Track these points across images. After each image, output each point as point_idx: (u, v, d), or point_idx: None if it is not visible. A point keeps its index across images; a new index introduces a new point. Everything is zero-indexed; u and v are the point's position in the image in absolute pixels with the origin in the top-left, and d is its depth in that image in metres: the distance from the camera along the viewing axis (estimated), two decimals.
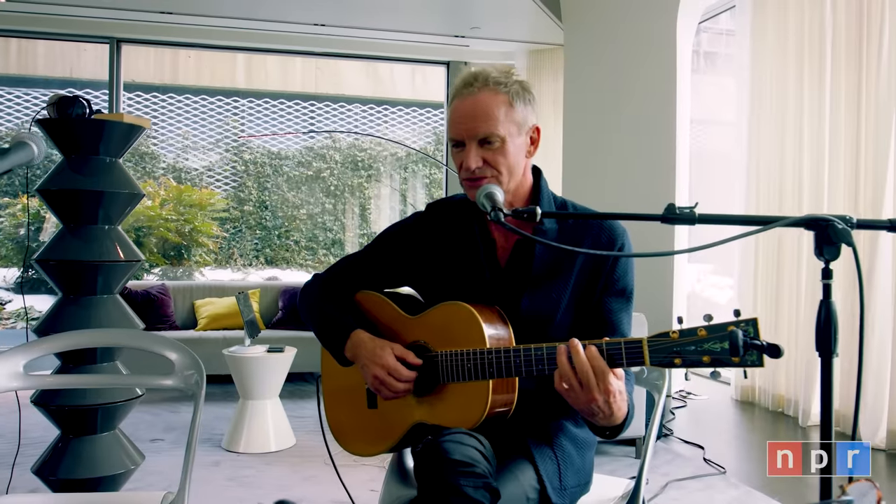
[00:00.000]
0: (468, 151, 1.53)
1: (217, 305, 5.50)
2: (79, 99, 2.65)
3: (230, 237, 9.19)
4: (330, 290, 1.77)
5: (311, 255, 9.52)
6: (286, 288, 5.82)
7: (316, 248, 9.51)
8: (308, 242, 9.51)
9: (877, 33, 4.04)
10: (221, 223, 9.08)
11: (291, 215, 9.45)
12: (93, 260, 2.62)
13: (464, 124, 1.53)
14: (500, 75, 1.55)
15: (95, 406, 2.63)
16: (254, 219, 9.35)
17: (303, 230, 9.51)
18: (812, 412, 4.44)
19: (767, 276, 4.91)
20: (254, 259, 9.31)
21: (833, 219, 1.37)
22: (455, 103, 1.57)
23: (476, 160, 1.52)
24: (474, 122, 1.52)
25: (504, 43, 6.59)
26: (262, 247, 9.37)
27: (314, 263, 9.51)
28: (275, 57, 9.30)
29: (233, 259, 9.17)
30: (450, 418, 1.55)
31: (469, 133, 1.53)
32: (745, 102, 5.08)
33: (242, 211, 9.30)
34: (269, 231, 9.39)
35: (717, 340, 1.25)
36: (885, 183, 3.96)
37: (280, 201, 9.44)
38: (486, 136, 1.51)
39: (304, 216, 9.49)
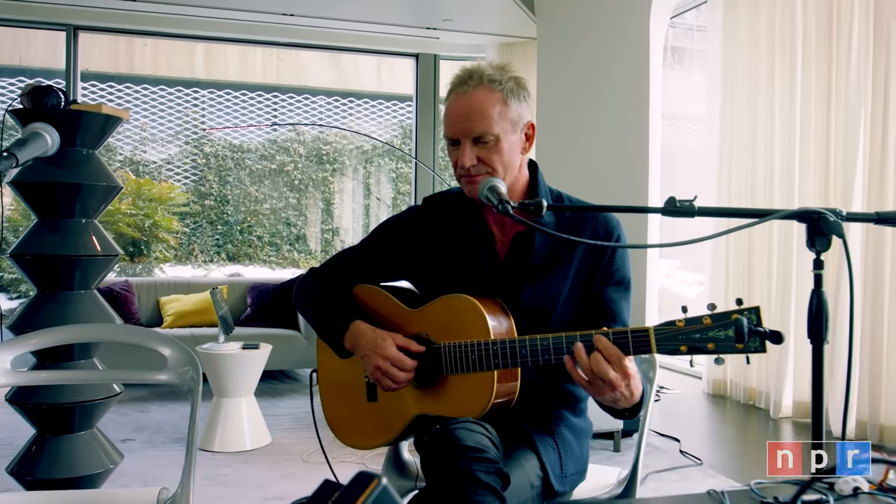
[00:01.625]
0: (463, 150, 1.59)
1: (183, 302, 5.47)
2: (54, 89, 2.64)
3: (190, 232, 9.10)
4: (327, 284, 1.81)
5: (275, 250, 9.47)
6: (254, 284, 5.81)
7: (280, 243, 9.47)
8: (271, 238, 9.46)
9: (846, 30, 4.21)
10: (181, 218, 8.99)
11: (254, 210, 9.39)
12: (70, 254, 2.62)
13: (458, 123, 1.58)
14: (494, 72, 1.60)
15: (73, 404, 2.62)
16: (215, 214, 9.26)
17: (266, 225, 9.46)
18: (783, 404, 4.60)
19: (738, 271, 5.07)
20: (215, 255, 9.23)
21: (825, 212, 1.46)
22: (450, 101, 1.62)
23: (471, 158, 1.58)
24: (469, 120, 1.57)
25: (475, 36, 6.65)
26: (223, 242, 9.29)
27: (278, 259, 9.46)
28: (235, 47, 9.22)
29: (193, 255, 9.08)
30: (454, 409, 1.60)
31: (464, 132, 1.58)
32: (717, 97, 5.24)
33: (203, 205, 9.21)
34: (231, 226, 9.32)
35: (721, 328, 1.33)
36: (854, 177, 4.13)
37: (242, 196, 9.37)
38: (480, 135, 1.57)
39: (267, 211, 9.44)
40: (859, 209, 4.03)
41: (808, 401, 4.53)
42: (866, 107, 4.08)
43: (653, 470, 3.53)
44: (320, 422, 1.88)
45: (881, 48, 4.00)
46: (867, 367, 4.06)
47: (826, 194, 4.37)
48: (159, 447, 3.80)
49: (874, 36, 4.05)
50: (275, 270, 9.31)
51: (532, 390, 1.65)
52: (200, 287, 5.81)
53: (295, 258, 9.51)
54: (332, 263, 1.86)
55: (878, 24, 4.02)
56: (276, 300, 5.59)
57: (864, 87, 4.08)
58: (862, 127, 4.09)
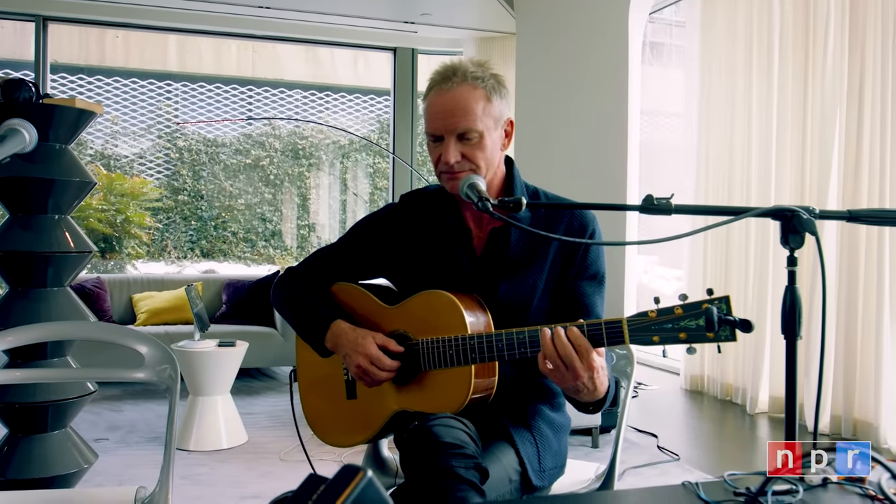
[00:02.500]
0: (447, 146, 1.61)
1: (157, 300, 5.44)
2: (25, 82, 2.62)
3: (163, 228, 9.04)
4: (306, 283, 1.83)
5: (250, 247, 9.43)
6: (229, 281, 5.80)
7: (255, 239, 9.43)
8: (246, 234, 9.42)
9: (822, 29, 4.29)
10: (154, 214, 8.93)
11: (228, 206, 9.34)
12: (43, 251, 2.61)
13: (443, 119, 1.61)
14: (476, 69, 1.63)
15: (46, 403, 2.62)
16: (188, 209, 9.20)
17: (241, 221, 9.41)
18: (759, 400, 4.69)
19: (716, 268, 5.15)
20: (188, 251, 9.18)
21: (798, 209, 1.50)
22: (432, 97, 1.64)
23: (455, 155, 1.61)
24: (453, 117, 1.60)
25: (453, 30, 6.67)
26: (197, 238, 9.24)
27: (253, 256, 9.43)
28: (208, 39, 9.15)
29: (166, 251, 9.02)
30: (432, 405, 1.63)
31: (448, 128, 1.60)
32: (695, 93, 5.31)
33: (176, 201, 9.15)
34: (205, 222, 9.26)
35: (692, 318, 1.37)
36: (830, 174, 4.22)
37: (216, 191, 9.32)
38: (465, 132, 1.59)
39: (241, 206, 9.40)
40: (835, 207, 4.12)
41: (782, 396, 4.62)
42: (841, 105, 4.16)
43: (630, 465, 3.59)
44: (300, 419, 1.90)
45: (856, 47, 4.09)
46: (842, 362, 4.14)
47: (802, 192, 4.46)
48: (134, 446, 3.79)
49: (850, 35, 4.13)
50: (250, 267, 9.27)
51: (510, 385, 1.68)
52: (174, 284, 5.78)
53: (270, 255, 9.48)
54: (309, 262, 1.88)
55: (854, 24, 4.10)
56: (251, 297, 5.58)
57: (840, 85, 4.17)
58: (837, 125, 4.17)
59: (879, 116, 3.95)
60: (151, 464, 3.53)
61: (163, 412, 4.47)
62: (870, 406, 4.01)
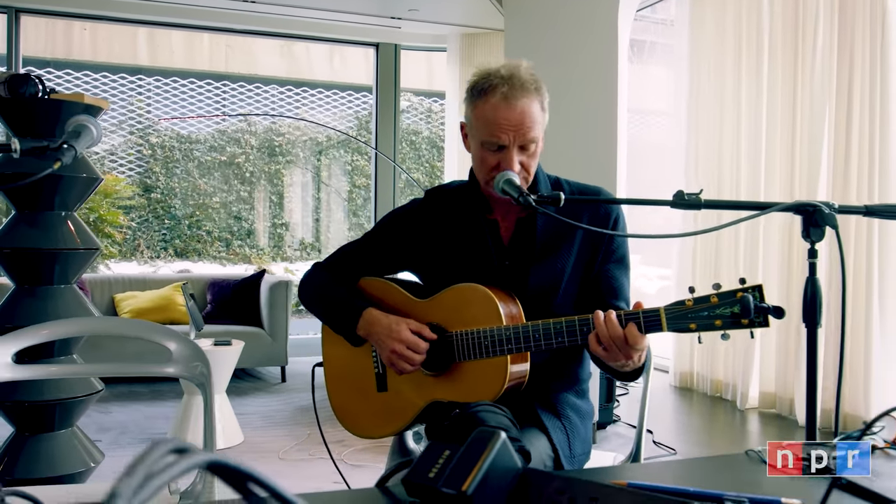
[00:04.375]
0: (510, 156, 1.67)
1: (140, 299, 5.46)
2: (31, 77, 2.66)
3: (136, 227, 9.00)
4: (334, 276, 1.92)
5: (225, 246, 9.42)
6: (214, 280, 5.83)
7: (230, 238, 9.43)
8: (221, 233, 9.41)
9: (812, 28, 4.46)
10: (126, 212, 8.88)
11: (203, 204, 9.32)
12: (50, 248, 2.65)
13: (513, 130, 1.66)
14: (531, 79, 1.68)
15: (54, 402, 2.66)
16: (162, 207, 9.17)
17: (215, 220, 9.40)
18: (750, 395, 4.85)
19: (706, 266, 5.31)
20: (161, 251, 9.15)
21: (820, 204, 1.63)
22: (497, 106, 1.66)
23: (518, 164, 1.68)
24: (522, 127, 1.66)
25: (437, 26, 6.76)
26: (170, 238, 9.21)
27: (228, 255, 9.42)
28: (180, 32, 9.13)
29: (139, 251, 8.98)
30: (468, 394, 1.73)
31: (516, 139, 1.66)
32: (684, 91, 5.46)
33: (149, 199, 9.11)
34: (179, 221, 9.23)
35: (727, 306, 1.49)
36: (819, 171, 4.39)
37: (190, 188, 9.30)
38: (530, 141, 1.67)
39: (216, 205, 9.39)
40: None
41: (773, 391, 4.81)
42: (831, 102, 4.33)
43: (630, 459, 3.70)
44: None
45: (845, 45, 4.26)
46: (832, 355, 4.31)
47: (791, 189, 4.62)
48: (128, 447, 3.83)
49: (839, 33, 4.30)
50: (225, 267, 9.27)
51: (537, 373, 1.77)
52: (156, 284, 5.80)
53: (246, 254, 9.48)
54: (335, 257, 1.97)
55: (843, 22, 4.27)
56: (237, 297, 5.62)
57: (829, 83, 4.34)
58: (826, 122, 4.34)
59: (868, 114, 4.12)
60: None
61: (151, 413, 4.51)
62: (859, 400, 4.19)
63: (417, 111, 10.21)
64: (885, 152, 4.03)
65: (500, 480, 0.73)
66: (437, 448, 0.81)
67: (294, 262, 9.68)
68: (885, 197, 4.03)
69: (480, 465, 0.71)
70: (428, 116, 10.26)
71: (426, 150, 10.23)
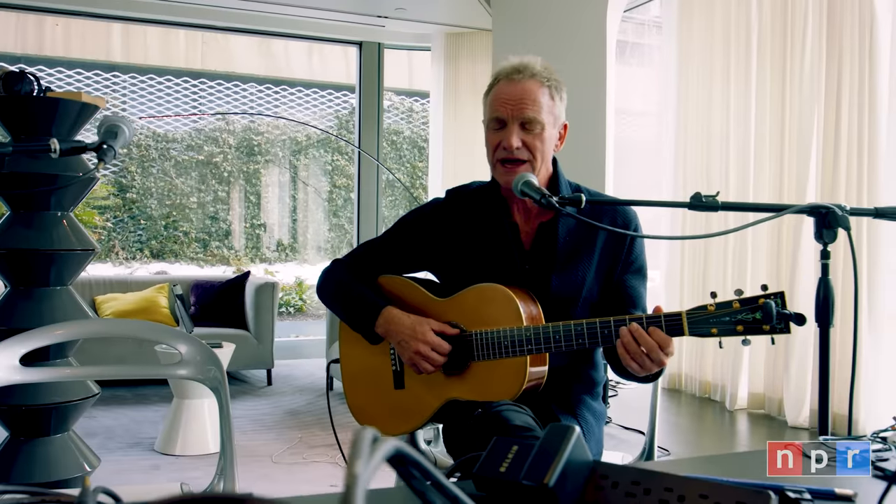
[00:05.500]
0: (510, 131, 1.75)
1: (122, 301, 5.42)
2: (27, 75, 2.66)
3: (111, 228, 8.92)
4: (354, 273, 1.95)
5: (202, 247, 9.37)
6: (198, 282, 5.81)
7: (208, 239, 9.38)
8: (198, 234, 9.36)
9: (800, 28, 4.56)
10: (100, 212, 8.81)
11: (180, 204, 9.27)
12: (46, 249, 2.64)
13: (511, 105, 1.75)
14: (542, 69, 1.79)
15: (50, 406, 2.65)
16: (137, 208, 9.11)
17: (193, 220, 9.35)
18: (739, 396, 4.94)
19: (694, 270, 5.40)
20: (137, 252, 9.08)
21: (833, 207, 1.70)
22: (501, 86, 1.79)
23: (517, 140, 1.75)
24: (522, 104, 1.74)
25: (422, 25, 6.79)
26: (146, 238, 9.15)
27: (206, 257, 9.37)
28: (155, 29, 9.06)
29: (114, 252, 8.90)
30: (486, 393, 1.76)
31: (515, 113, 1.75)
32: (672, 92, 5.55)
33: (124, 199, 9.05)
34: (155, 221, 9.18)
35: (749, 311, 1.54)
36: (808, 173, 4.48)
37: (167, 188, 9.24)
38: (529, 120, 1.74)
39: (194, 205, 9.34)
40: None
41: (762, 392, 4.90)
42: (819, 104, 4.42)
43: (627, 462, 3.77)
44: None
45: (834, 47, 4.35)
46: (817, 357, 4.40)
47: (780, 191, 4.72)
48: (117, 452, 3.81)
49: (827, 35, 4.40)
50: (203, 268, 9.22)
51: (555, 374, 1.82)
52: (138, 285, 5.77)
53: (224, 255, 9.44)
54: (356, 254, 2.00)
55: (831, 24, 4.37)
56: (222, 299, 5.60)
57: (818, 84, 4.43)
58: (815, 124, 4.44)
59: (857, 115, 4.22)
60: (140, 469, 3.57)
61: (137, 417, 4.49)
62: (846, 400, 4.28)
63: (399, 110, 10.24)
64: (874, 153, 4.13)
65: (577, 474, 0.77)
66: (503, 444, 0.84)
67: (273, 264, 9.66)
68: (874, 198, 4.13)
69: (560, 459, 0.74)
70: (409, 116, 10.29)
71: (407, 150, 10.26)
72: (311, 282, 9.86)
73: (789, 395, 4.56)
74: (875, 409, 4.15)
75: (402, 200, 10.01)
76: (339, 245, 9.84)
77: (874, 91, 4.13)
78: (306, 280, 9.74)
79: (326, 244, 9.87)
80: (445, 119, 7.15)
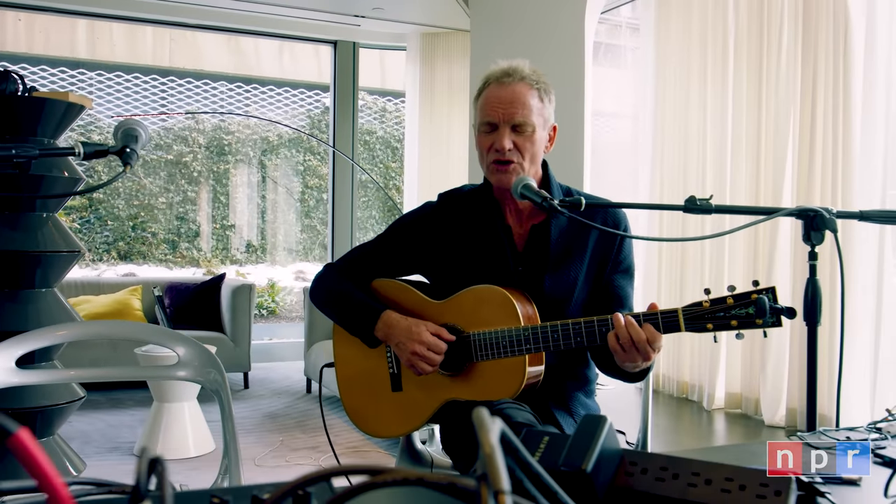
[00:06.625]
0: (501, 133, 1.82)
1: (95, 304, 5.40)
2: (11, 74, 2.67)
3: (77, 229, 8.83)
4: (349, 277, 2.00)
5: (171, 248, 9.31)
6: (172, 284, 5.79)
7: (177, 240, 9.33)
8: (167, 235, 9.30)
9: (776, 32, 4.69)
10: (66, 213, 8.72)
11: (148, 204, 9.20)
12: (31, 250, 2.65)
13: (502, 108, 1.82)
14: (531, 73, 1.87)
15: (36, 409, 2.66)
16: (104, 208, 9.02)
17: (161, 221, 9.29)
18: (716, 396, 5.07)
19: (671, 270, 5.52)
20: (104, 253, 9.00)
21: (820, 210, 1.79)
22: (491, 90, 1.86)
23: (508, 142, 1.82)
24: (512, 107, 1.82)
25: (397, 25, 6.84)
26: (113, 239, 9.07)
27: (175, 258, 9.32)
28: (120, 25, 9.00)
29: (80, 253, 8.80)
30: (485, 393, 1.83)
31: (505, 117, 1.82)
32: (650, 94, 5.67)
33: (91, 199, 8.95)
34: (123, 222, 9.10)
35: (742, 307, 1.62)
36: (784, 175, 4.62)
37: (134, 188, 9.17)
38: (520, 123, 1.81)
39: (162, 205, 9.28)
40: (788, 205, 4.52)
41: (739, 392, 5.03)
42: (795, 107, 4.56)
43: None
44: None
45: (809, 51, 4.49)
46: (797, 356, 4.54)
47: (757, 193, 4.85)
48: (94, 457, 3.80)
49: (803, 38, 4.53)
50: (172, 270, 9.17)
51: (551, 373, 1.89)
52: (110, 287, 5.75)
53: (194, 257, 9.39)
54: (348, 258, 2.06)
55: (807, 27, 4.51)
56: (197, 301, 5.60)
57: (793, 88, 4.57)
58: (791, 126, 4.57)
59: (832, 118, 4.36)
60: (122, 474, 3.56)
61: (113, 422, 4.48)
62: (825, 398, 4.42)
63: (371, 110, 10.26)
64: (848, 155, 4.27)
65: (609, 461, 0.83)
66: (534, 434, 0.90)
67: (244, 266, 9.63)
68: (848, 199, 4.27)
69: (595, 446, 0.81)
70: (382, 116, 10.32)
71: (380, 151, 10.29)
72: (283, 284, 9.84)
73: (766, 394, 4.69)
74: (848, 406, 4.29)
75: (375, 201, 10.05)
76: (311, 247, 9.83)
77: (848, 93, 4.27)
78: (279, 282, 9.72)
79: (298, 245, 9.86)
80: (421, 120, 7.21)
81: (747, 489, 0.78)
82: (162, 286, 5.76)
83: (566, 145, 5.67)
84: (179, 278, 6.45)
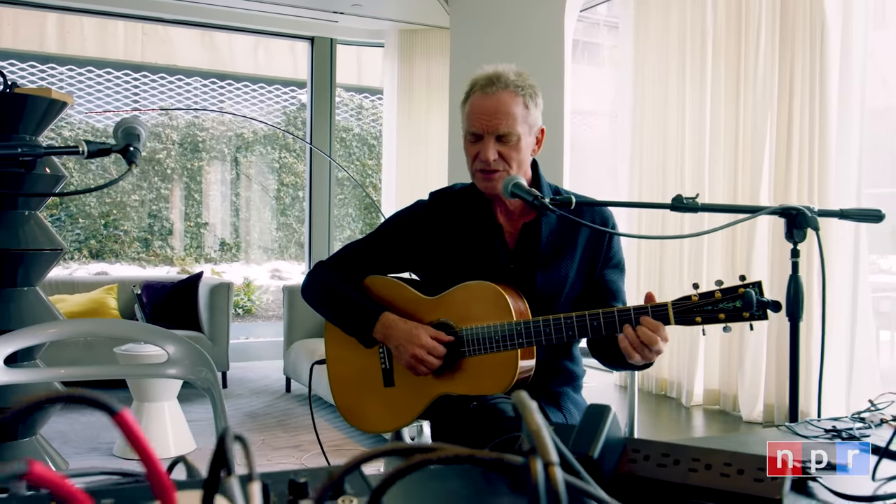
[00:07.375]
0: (486, 145, 1.87)
1: (70, 303, 5.37)
2: None
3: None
4: (342, 276, 2.04)
5: (144, 247, 9.26)
6: (148, 283, 5.78)
7: (150, 239, 9.28)
8: (140, 233, 9.25)
9: (754, 32, 4.79)
10: None
11: (120, 202, 9.15)
12: (14, 248, 2.65)
13: (486, 120, 1.86)
14: (517, 79, 1.90)
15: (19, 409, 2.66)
16: (75, 206, 8.95)
17: (134, 219, 9.24)
18: (695, 393, 5.16)
19: (650, 266, 5.61)
20: (76, 252, 8.93)
21: (802, 208, 1.86)
22: (476, 99, 1.89)
23: (493, 153, 1.87)
24: (496, 118, 1.86)
25: (375, 21, 6.87)
26: (85, 238, 9.00)
27: (148, 256, 9.27)
28: (91, 19, 8.93)
29: None
30: (478, 387, 1.87)
31: (490, 128, 1.86)
32: (628, 92, 5.75)
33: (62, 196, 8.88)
34: (95, 220, 9.04)
35: (730, 300, 1.69)
36: (762, 173, 4.72)
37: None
38: (504, 133, 1.86)
39: (135, 203, 9.22)
40: (766, 203, 4.63)
41: (718, 388, 5.13)
42: (772, 107, 4.66)
43: None
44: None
45: (786, 52, 4.59)
46: (774, 352, 4.64)
47: (735, 191, 4.95)
48: (75, 458, 3.80)
49: (780, 39, 4.63)
50: (146, 268, 9.12)
51: (540, 369, 1.94)
52: (85, 286, 5.72)
53: (168, 255, 9.35)
54: (340, 256, 2.09)
55: (784, 29, 4.61)
56: (173, 300, 5.59)
57: (771, 88, 4.67)
58: (769, 126, 4.67)
59: (808, 118, 4.46)
60: None
61: (90, 422, 4.47)
62: (803, 393, 4.53)
63: (348, 107, 10.27)
64: (824, 155, 4.37)
65: (614, 448, 0.88)
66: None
67: (218, 264, 9.61)
68: (824, 198, 4.38)
69: (601, 433, 0.85)
70: (359, 113, 10.33)
71: (357, 148, 10.30)
72: (259, 282, 9.82)
73: (744, 390, 4.79)
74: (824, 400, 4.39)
75: (352, 199, 10.06)
76: (287, 245, 9.83)
77: (825, 93, 4.37)
78: (255, 280, 9.71)
79: (274, 244, 9.85)
80: (399, 117, 7.24)
81: (745, 473, 0.83)
82: (139, 284, 5.74)
83: (545, 143, 5.71)
84: (154, 277, 6.43)
